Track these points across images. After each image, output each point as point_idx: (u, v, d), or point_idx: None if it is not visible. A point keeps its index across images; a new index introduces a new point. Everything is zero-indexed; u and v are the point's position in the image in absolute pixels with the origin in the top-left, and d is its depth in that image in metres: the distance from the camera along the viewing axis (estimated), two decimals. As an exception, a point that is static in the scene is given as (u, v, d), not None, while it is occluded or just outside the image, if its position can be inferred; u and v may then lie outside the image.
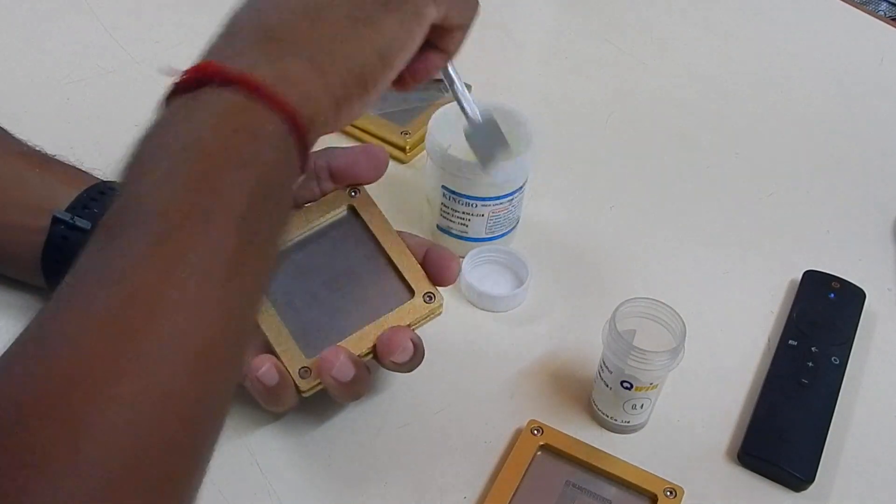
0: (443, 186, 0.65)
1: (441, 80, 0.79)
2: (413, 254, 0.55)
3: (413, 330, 0.54)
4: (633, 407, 0.56)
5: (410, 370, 0.54)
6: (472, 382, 0.60)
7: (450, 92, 0.56)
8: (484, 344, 0.63)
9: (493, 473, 0.55)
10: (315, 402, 0.55)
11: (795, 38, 0.94)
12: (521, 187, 0.66)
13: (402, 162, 0.75)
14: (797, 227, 0.74)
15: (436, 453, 0.56)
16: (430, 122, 0.65)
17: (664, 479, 0.54)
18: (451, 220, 0.66)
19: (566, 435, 0.56)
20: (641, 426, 0.58)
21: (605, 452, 0.55)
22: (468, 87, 0.80)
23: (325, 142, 0.47)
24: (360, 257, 0.55)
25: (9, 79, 0.80)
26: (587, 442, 0.56)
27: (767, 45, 0.93)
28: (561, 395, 0.60)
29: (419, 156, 0.76)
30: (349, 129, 0.77)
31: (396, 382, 0.59)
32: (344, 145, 0.57)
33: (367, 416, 0.58)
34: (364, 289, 0.55)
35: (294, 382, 0.51)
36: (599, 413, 0.58)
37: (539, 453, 0.56)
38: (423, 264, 0.55)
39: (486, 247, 0.67)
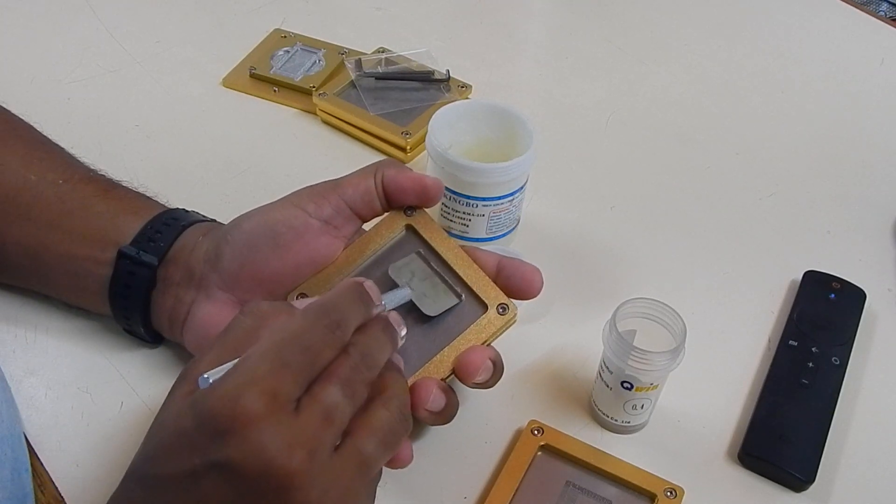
0: (443, 186, 0.65)
1: (442, 81, 0.80)
2: (482, 267, 0.54)
3: (490, 346, 0.53)
4: (634, 407, 0.56)
5: (492, 386, 0.54)
6: (472, 383, 0.60)
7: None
8: (484, 344, 0.63)
9: (493, 473, 0.55)
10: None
11: (795, 38, 0.95)
12: (521, 187, 0.66)
13: (402, 162, 0.75)
14: (797, 227, 0.74)
15: (436, 453, 0.56)
16: (431, 123, 0.65)
17: (664, 479, 0.54)
18: (451, 221, 0.66)
19: (566, 435, 0.56)
20: (642, 426, 0.58)
21: (606, 452, 0.55)
22: (468, 87, 0.80)
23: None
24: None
25: (10, 78, 0.80)
26: (587, 442, 0.56)
27: (767, 45, 0.93)
28: (561, 395, 0.60)
29: (420, 156, 0.76)
30: (350, 128, 0.77)
31: (397, 382, 0.59)
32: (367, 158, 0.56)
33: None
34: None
35: None
36: (600, 413, 0.58)
37: (539, 453, 0.56)
38: (500, 278, 0.54)
39: (487, 247, 0.67)
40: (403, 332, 0.49)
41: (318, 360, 0.43)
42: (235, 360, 0.43)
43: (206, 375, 0.42)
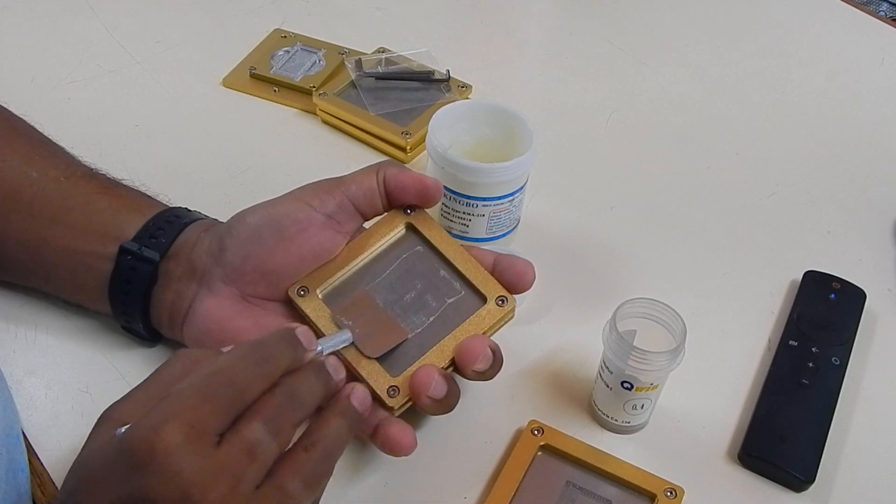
0: (443, 187, 0.65)
1: (442, 81, 0.80)
2: (481, 263, 0.55)
3: (489, 337, 0.54)
4: (634, 407, 0.56)
5: (491, 378, 0.54)
6: (472, 383, 0.60)
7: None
8: (484, 344, 0.63)
9: (493, 473, 0.55)
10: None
11: (796, 38, 0.94)
12: (521, 187, 0.66)
13: (402, 162, 0.75)
14: (797, 227, 0.74)
15: (436, 453, 0.56)
16: (431, 123, 0.65)
17: (664, 479, 0.54)
18: (451, 221, 0.66)
19: (566, 435, 0.56)
20: (642, 426, 0.58)
21: (606, 452, 0.55)
22: (468, 87, 0.80)
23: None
24: (427, 271, 0.56)
25: (10, 78, 0.80)
26: (587, 442, 0.56)
27: (767, 45, 0.93)
28: (561, 395, 0.60)
29: (420, 156, 0.76)
30: (350, 128, 0.77)
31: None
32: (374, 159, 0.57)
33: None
34: (436, 301, 0.55)
35: (383, 402, 0.52)
36: (600, 413, 0.58)
37: (539, 453, 0.56)
38: (495, 273, 0.55)
39: (487, 247, 0.67)
40: (341, 377, 0.49)
41: (242, 396, 0.43)
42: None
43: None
